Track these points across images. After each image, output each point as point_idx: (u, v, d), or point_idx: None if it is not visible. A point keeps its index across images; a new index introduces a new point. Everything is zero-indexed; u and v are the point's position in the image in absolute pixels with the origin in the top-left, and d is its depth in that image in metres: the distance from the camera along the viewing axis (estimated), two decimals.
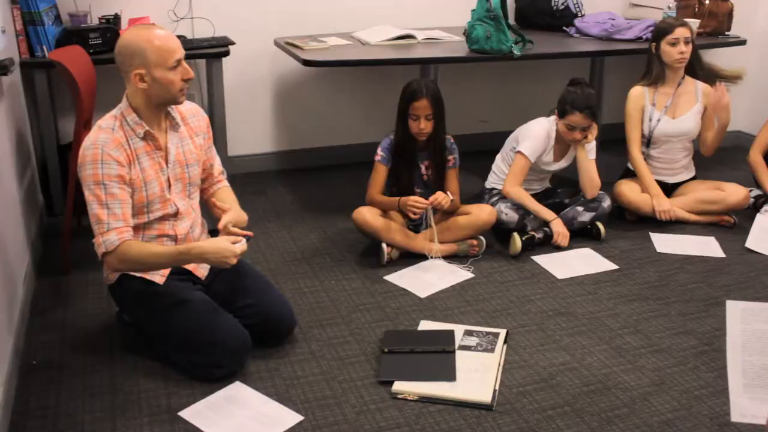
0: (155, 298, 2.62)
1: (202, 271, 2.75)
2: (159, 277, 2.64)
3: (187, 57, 2.61)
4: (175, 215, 2.67)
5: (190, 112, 2.75)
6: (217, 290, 2.74)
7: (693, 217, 3.99)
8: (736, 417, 1.81)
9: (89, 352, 2.76)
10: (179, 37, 3.98)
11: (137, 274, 2.62)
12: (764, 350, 1.81)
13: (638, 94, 4.03)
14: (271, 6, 4.40)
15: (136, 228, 2.59)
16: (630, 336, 2.95)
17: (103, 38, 3.77)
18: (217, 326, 2.57)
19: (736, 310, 1.85)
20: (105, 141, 2.47)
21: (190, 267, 2.71)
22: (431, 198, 3.35)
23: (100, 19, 3.97)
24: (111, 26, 3.84)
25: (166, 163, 2.62)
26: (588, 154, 3.74)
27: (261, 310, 2.72)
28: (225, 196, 2.83)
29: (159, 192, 2.59)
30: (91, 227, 2.50)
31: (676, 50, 3.88)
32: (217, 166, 2.88)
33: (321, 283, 3.30)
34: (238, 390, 2.54)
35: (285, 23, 4.41)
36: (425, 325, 2.96)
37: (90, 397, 2.51)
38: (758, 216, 3.93)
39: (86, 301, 3.11)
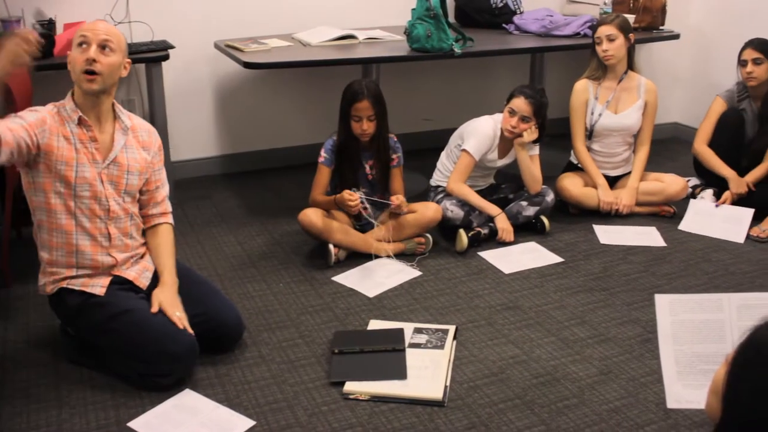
0: (97, 309, 2.57)
1: (143, 281, 2.71)
2: (99, 288, 2.59)
3: None
4: (107, 212, 2.61)
5: (143, 127, 2.74)
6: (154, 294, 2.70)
7: (635, 209, 4.07)
8: (671, 404, 1.88)
9: (33, 366, 2.69)
10: None
11: (76, 287, 2.58)
12: (693, 339, 1.88)
13: (582, 88, 4.10)
14: (211, 9, 4.36)
15: (67, 230, 2.55)
16: (577, 327, 2.99)
17: None
18: (162, 334, 2.53)
19: (664, 303, 1.92)
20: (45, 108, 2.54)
21: (130, 277, 2.67)
22: (396, 201, 3.39)
23: (33, 24, 3.89)
24: (45, 31, 3.76)
25: (103, 158, 2.58)
26: (529, 151, 3.79)
27: (209, 318, 2.69)
28: (162, 244, 2.77)
29: (90, 179, 2.54)
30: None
31: (600, 48, 3.97)
32: (163, 192, 2.82)
33: (269, 287, 3.29)
34: (187, 398, 2.50)
35: (225, 26, 4.38)
36: (375, 325, 2.96)
37: (35, 412, 2.45)
38: (692, 201, 4.04)
39: (28, 314, 3.04)
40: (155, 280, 2.73)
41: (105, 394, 2.53)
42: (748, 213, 3.90)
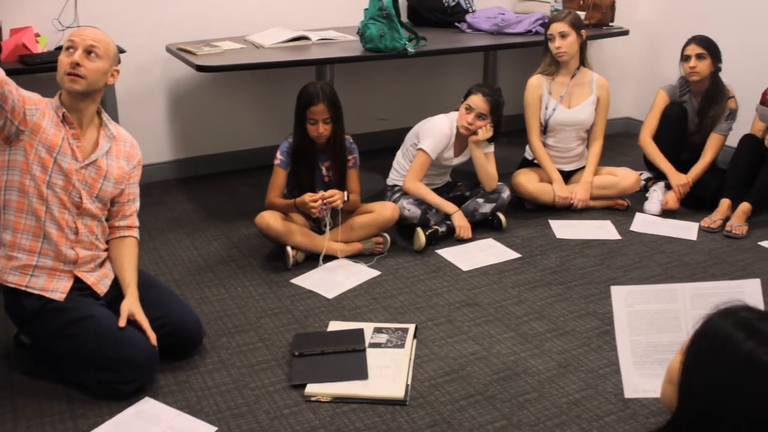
0: (56, 315, 2.53)
1: (102, 287, 2.67)
2: (59, 294, 2.55)
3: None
4: (77, 207, 2.56)
5: (126, 139, 2.76)
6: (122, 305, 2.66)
7: (590, 203, 4.13)
8: (629, 393, 1.90)
9: None
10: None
11: (35, 291, 2.53)
12: (649, 329, 1.90)
13: (536, 83, 4.14)
14: (162, 12, 4.31)
15: (38, 214, 2.51)
16: (535, 322, 3.02)
17: None
18: (122, 340, 2.50)
19: (620, 295, 1.94)
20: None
21: (89, 281, 2.63)
22: (327, 192, 3.35)
23: None
24: None
25: (83, 158, 2.56)
26: (484, 149, 3.81)
27: (168, 323, 2.66)
28: (127, 256, 2.73)
29: (66, 170, 2.51)
30: None
31: (553, 45, 4.02)
32: (134, 207, 2.80)
33: (227, 291, 3.26)
34: (147, 406, 2.47)
35: (176, 29, 4.33)
36: (334, 326, 2.96)
37: None
38: (637, 213, 4.10)
39: None
40: (113, 289, 2.69)
41: (62, 405, 2.48)
42: (694, 226, 3.95)
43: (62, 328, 2.52)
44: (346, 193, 3.43)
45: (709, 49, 4.06)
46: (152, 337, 2.55)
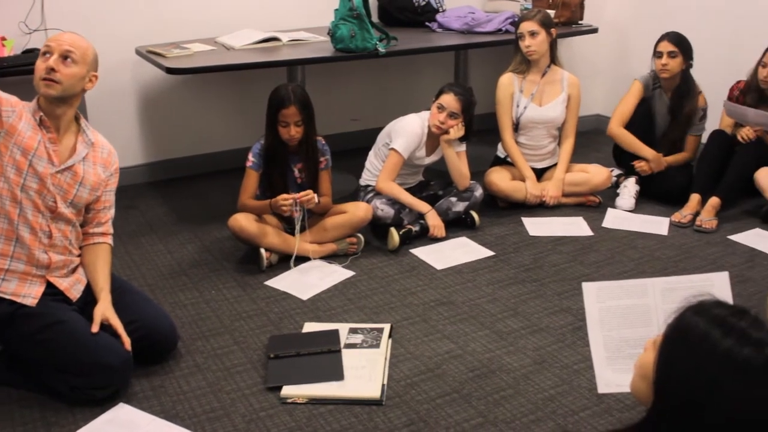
0: (28, 320, 2.50)
1: (74, 293, 2.64)
2: (30, 299, 2.52)
3: None
4: (51, 210, 2.54)
5: (105, 146, 2.75)
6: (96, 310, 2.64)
7: (562, 200, 4.16)
8: (602, 389, 1.92)
9: None
10: (30, 51, 3.82)
11: (6, 296, 2.50)
12: (621, 324, 1.92)
13: (507, 81, 4.16)
14: (131, 14, 4.27)
15: (11, 217, 2.48)
16: (510, 319, 3.04)
17: None
18: (96, 345, 2.48)
19: (592, 291, 1.96)
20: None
21: (62, 287, 2.60)
22: (300, 193, 3.35)
23: None
24: None
25: (60, 162, 2.53)
26: (456, 148, 3.83)
27: (141, 326, 2.64)
28: (100, 262, 2.71)
29: (41, 173, 2.48)
30: None
31: (523, 44, 4.04)
32: (109, 214, 2.78)
33: (201, 294, 3.24)
34: (122, 412, 2.45)
35: (146, 31, 4.29)
36: (309, 327, 2.95)
37: None
38: (609, 209, 4.13)
39: None
40: (86, 294, 2.67)
41: (35, 414, 2.46)
42: (665, 221, 4.00)
43: (35, 333, 2.49)
44: (317, 195, 3.42)
45: (681, 46, 4.11)
46: (126, 341, 2.53)
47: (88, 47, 2.58)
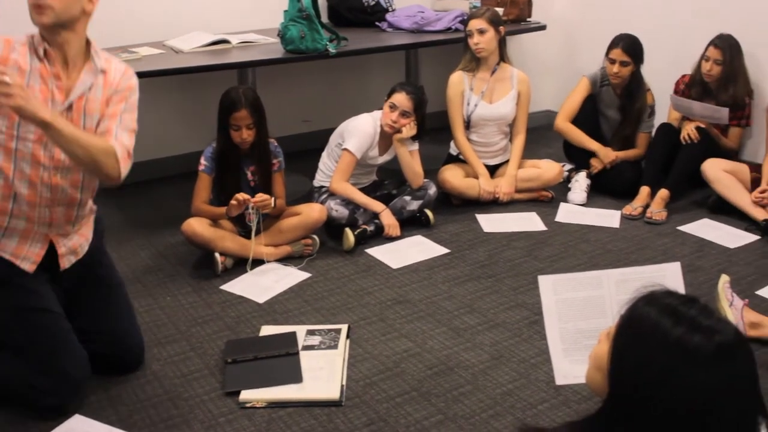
0: (17, 291, 2.40)
1: (65, 262, 2.50)
2: (29, 263, 2.41)
3: None
4: (52, 159, 2.35)
5: (117, 68, 2.49)
6: (77, 305, 2.58)
7: (515, 196, 4.19)
8: (560, 380, 1.94)
9: None
10: None
11: (5, 255, 2.38)
12: (577, 316, 1.95)
13: (457, 80, 4.18)
14: None
15: (7, 155, 2.31)
16: (467, 316, 3.05)
17: None
18: (66, 352, 2.42)
19: (547, 284, 1.98)
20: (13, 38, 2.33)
21: (58, 252, 2.46)
22: (257, 196, 3.32)
23: None
24: None
25: (64, 99, 2.33)
26: (408, 147, 3.84)
27: (113, 340, 2.61)
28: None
29: None
30: None
31: (472, 42, 4.07)
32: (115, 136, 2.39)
33: (156, 301, 3.20)
34: (77, 423, 2.41)
35: (93, 35, 4.20)
36: (267, 330, 2.93)
37: None
38: (561, 203, 4.18)
39: None
40: (81, 269, 2.55)
41: None
42: (616, 213, 4.05)
43: (17, 309, 2.40)
44: (274, 198, 3.41)
45: (634, 55, 4.16)
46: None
47: None
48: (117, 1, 4.20)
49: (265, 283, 3.32)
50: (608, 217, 4.01)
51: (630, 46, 4.16)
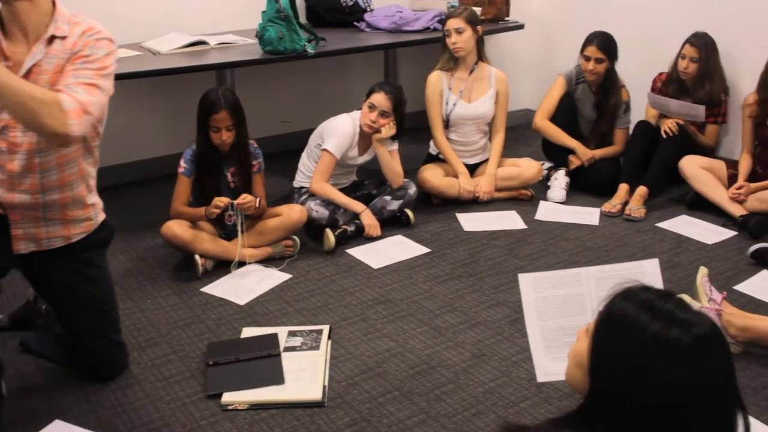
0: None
1: (21, 246, 2.35)
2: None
3: None
4: (10, 144, 2.20)
5: (78, 30, 2.26)
6: (48, 294, 2.57)
7: (495, 194, 4.21)
8: (541, 378, 1.95)
9: None
10: None
11: None
12: (557, 314, 1.96)
13: (436, 79, 4.18)
14: None
15: None
16: (448, 315, 3.06)
17: None
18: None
19: (528, 282, 1.99)
20: None
21: (13, 233, 2.31)
22: (239, 198, 3.32)
23: None
24: None
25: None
26: (388, 147, 3.84)
27: (82, 349, 2.60)
28: None
29: None
30: None
31: (450, 41, 4.08)
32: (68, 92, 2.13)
33: (136, 304, 3.18)
34: (56, 428, 2.39)
35: None
36: (248, 332, 2.93)
37: None
38: (541, 201, 4.20)
39: None
40: (56, 268, 2.44)
41: None
42: (595, 211, 4.08)
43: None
44: (258, 199, 3.40)
45: (609, 52, 4.20)
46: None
47: None
48: (93, 3, 4.15)
49: (245, 284, 3.31)
50: (587, 215, 4.03)
51: (604, 43, 4.19)
